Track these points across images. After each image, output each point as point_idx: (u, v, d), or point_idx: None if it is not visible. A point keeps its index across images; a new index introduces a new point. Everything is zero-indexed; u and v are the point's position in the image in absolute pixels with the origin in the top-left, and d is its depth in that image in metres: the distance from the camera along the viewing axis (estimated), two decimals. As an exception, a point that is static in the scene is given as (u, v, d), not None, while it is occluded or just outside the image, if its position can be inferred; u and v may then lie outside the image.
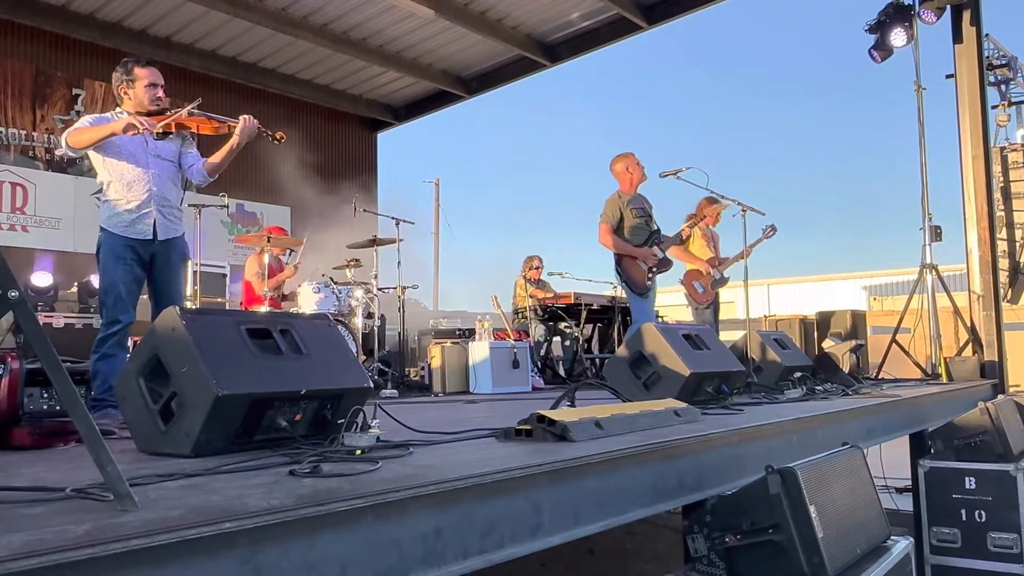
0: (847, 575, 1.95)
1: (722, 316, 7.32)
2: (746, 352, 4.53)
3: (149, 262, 3.71)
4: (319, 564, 1.28)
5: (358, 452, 1.91)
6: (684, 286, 6.79)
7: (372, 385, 2.34)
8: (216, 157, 3.81)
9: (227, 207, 6.77)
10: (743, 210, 5.06)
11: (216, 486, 1.49)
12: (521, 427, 2.20)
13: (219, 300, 7.78)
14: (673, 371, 3.37)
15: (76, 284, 7.90)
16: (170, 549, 1.09)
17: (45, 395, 2.31)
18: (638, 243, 5.83)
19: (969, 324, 6.60)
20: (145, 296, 3.84)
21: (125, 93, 3.71)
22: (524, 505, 1.69)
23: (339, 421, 2.14)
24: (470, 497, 1.57)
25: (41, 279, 7.42)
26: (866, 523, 2.22)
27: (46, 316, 6.91)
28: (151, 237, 3.66)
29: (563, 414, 2.26)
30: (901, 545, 2.28)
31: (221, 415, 1.90)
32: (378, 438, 2.06)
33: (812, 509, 1.90)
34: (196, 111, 3.71)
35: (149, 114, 3.64)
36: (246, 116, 3.72)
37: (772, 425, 2.78)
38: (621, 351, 3.69)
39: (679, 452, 2.21)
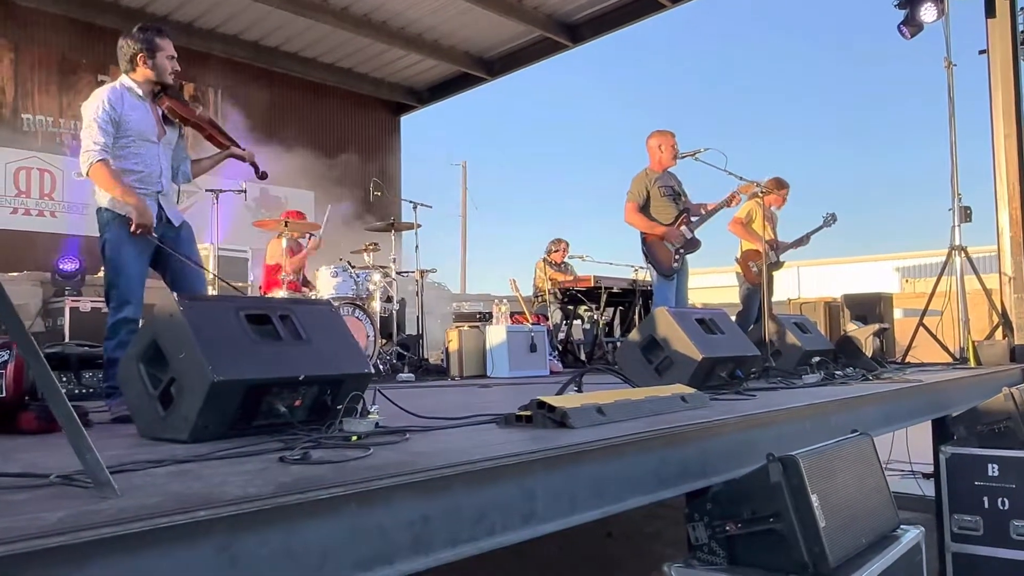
0: (851, 565, 1.91)
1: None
2: (764, 336, 4.46)
3: (156, 247, 3.64)
4: (300, 551, 1.27)
5: (354, 438, 1.90)
6: (739, 264, 6.72)
7: (372, 371, 2.33)
8: (207, 163, 3.76)
9: (244, 192, 6.80)
10: (763, 192, 4.97)
11: (204, 472, 1.49)
12: (521, 413, 2.18)
13: (241, 284, 7.84)
14: (685, 356, 3.32)
15: (103, 268, 8.01)
16: (142, 537, 1.08)
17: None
18: (666, 222, 5.70)
19: (1000, 307, 6.44)
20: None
21: (144, 62, 3.53)
22: (516, 492, 1.67)
23: (339, 407, 2.14)
24: (460, 484, 1.55)
25: (68, 263, 7.54)
26: (873, 512, 2.17)
27: (73, 300, 7.02)
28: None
29: (565, 400, 2.23)
30: (911, 534, 2.23)
31: (218, 401, 1.91)
32: (377, 424, 2.06)
33: (814, 498, 1.86)
34: (212, 125, 3.66)
35: (165, 88, 3.56)
36: (250, 153, 3.69)
37: (782, 411, 2.72)
38: (633, 335, 3.65)
39: (682, 438, 2.17)
